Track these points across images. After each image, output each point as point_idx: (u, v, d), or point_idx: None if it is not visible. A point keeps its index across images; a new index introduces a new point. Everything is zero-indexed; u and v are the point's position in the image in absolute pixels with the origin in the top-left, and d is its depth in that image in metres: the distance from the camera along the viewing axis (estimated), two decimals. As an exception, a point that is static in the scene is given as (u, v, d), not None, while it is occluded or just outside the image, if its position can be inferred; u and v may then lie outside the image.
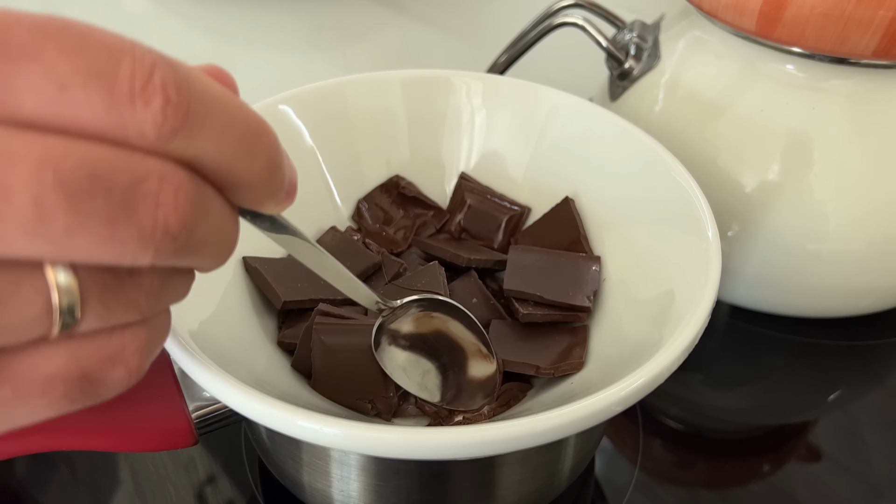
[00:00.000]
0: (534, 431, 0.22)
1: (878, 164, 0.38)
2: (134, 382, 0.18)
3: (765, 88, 0.39)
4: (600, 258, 0.35)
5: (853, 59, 0.36)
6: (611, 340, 0.31)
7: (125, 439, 0.29)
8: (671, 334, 0.25)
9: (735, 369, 0.43)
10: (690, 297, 0.26)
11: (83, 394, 0.17)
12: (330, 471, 0.29)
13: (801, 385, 0.42)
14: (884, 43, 0.35)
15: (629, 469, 0.37)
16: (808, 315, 0.43)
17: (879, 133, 0.38)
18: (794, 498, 0.36)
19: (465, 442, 0.22)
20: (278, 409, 0.23)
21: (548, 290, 0.33)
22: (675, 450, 0.39)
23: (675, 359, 0.24)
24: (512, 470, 0.28)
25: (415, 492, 0.29)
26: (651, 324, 0.28)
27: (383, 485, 0.28)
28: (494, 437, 0.22)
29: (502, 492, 0.29)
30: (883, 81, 0.37)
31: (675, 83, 0.42)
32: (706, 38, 0.41)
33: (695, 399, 0.41)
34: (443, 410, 0.31)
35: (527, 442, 0.23)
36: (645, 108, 0.43)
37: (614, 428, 0.39)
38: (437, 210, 0.39)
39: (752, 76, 0.39)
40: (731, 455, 0.39)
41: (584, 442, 0.30)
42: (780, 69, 0.38)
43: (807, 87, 0.38)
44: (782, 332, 0.44)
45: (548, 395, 0.30)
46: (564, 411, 0.22)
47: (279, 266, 0.33)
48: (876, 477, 0.37)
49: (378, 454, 0.23)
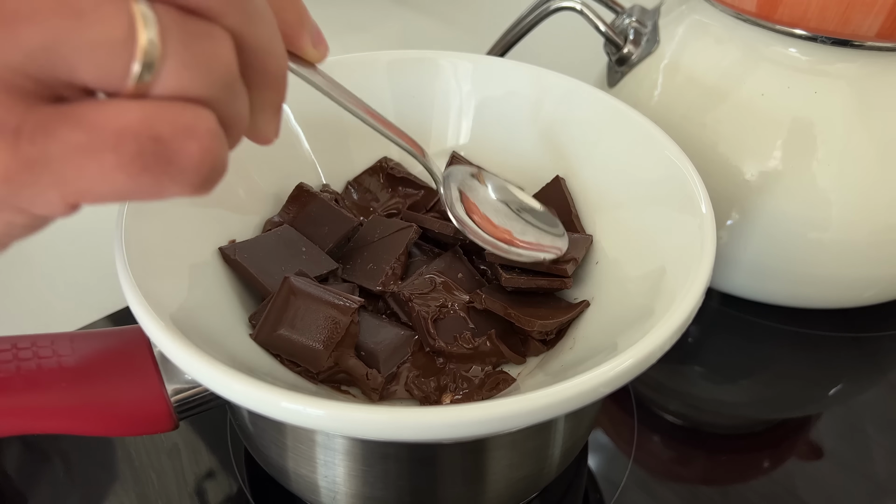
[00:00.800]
0: (522, 411, 0.21)
1: (882, 151, 0.37)
2: (208, 171, 0.17)
3: (766, 73, 0.38)
4: (592, 237, 0.34)
5: (856, 42, 0.35)
6: (604, 320, 0.30)
7: (104, 423, 0.28)
8: (665, 312, 0.24)
9: (734, 361, 0.42)
10: (685, 275, 0.25)
11: (155, 160, 0.16)
12: (315, 456, 0.28)
13: (802, 378, 0.41)
14: (888, 24, 0.34)
15: (623, 462, 0.36)
16: (809, 306, 0.42)
17: (883, 118, 0.37)
18: (796, 494, 0.35)
19: (452, 421, 0.21)
20: (260, 390, 0.22)
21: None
22: (672, 443, 0.38)
23: (667, 337, 0.23)
24: (501, 455, 0.27)
25: (402, 477, 0.28)
26: (645, 302, 0.27)
27: (369, 469, 0.27)
28: (482, 416, 0.21)
29: (491, 477, 0.28)
30: (887, 65, 0.36)
31: (674, 68, 0.41)
32: (706, 21, 0.40)
33: (693, 392, 0.40)
34: (432, 395, 0.30)
35: (515, 422, 0.22)
36: (644, 94, 0.42)
37: (609, 419, 0.38)
38: (427, 190, 0.38)
39: (753, 60, 0.38)
40: (730, 450, 0.38)
41: (574, 426, 0.29)
42: (782, 52, 0.37)
43: (808, 71, 0.37)
44: (783, 324, 0.43)
45: (537, 378, 0.29)
46: (553, 390, 0.21)
47: (258, 250, 0.32)
48: (879, 474, 0.36)
49: (363, 436, 0.22)
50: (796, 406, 0.40)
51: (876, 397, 0.41)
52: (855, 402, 0.40)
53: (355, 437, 0.26)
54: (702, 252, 0.26)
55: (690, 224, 0.28)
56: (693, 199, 0.29)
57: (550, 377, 0.29)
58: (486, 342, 0.31)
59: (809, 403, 0.40)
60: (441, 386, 0.30)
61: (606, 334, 0.28)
